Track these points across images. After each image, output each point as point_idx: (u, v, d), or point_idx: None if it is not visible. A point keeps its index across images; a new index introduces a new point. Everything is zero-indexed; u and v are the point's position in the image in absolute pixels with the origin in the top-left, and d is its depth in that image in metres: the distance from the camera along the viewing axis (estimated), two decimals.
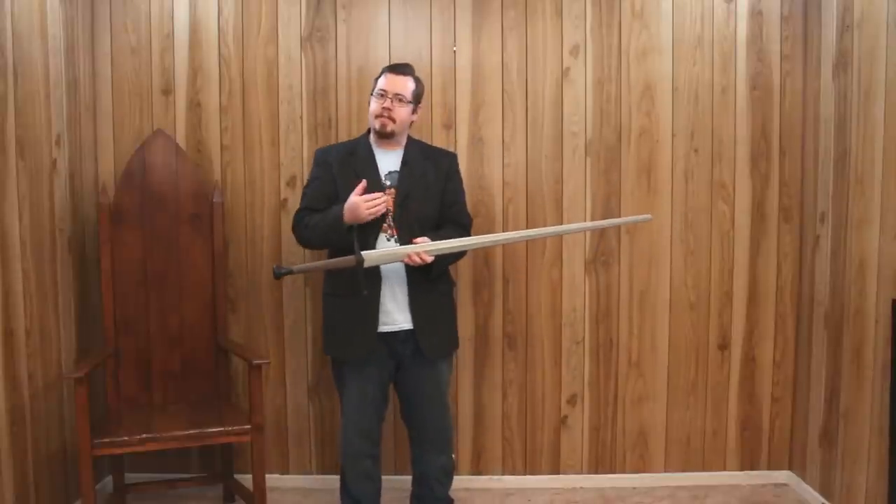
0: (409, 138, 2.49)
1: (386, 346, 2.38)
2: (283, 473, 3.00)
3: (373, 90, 2.43)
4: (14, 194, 2.29)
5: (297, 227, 2.44)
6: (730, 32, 2.89)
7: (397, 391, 2.53)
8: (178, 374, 2.76)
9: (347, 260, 2.22)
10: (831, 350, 2.68)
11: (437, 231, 2.40)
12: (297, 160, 2.91)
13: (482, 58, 2.89)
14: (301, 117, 2.90)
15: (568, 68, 2.90)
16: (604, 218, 2.91)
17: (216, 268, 2.78)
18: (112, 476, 2.75)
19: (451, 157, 2.57)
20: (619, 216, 2.92)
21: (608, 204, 2.93)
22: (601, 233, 2.93)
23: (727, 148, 2.92)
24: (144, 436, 2.36)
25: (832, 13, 2.66)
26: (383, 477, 2.57)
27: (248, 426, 2.46)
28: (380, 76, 2.42)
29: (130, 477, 2.83)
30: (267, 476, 2.62)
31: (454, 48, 2.89)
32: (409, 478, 2.61)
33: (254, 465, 2.48)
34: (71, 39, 2.67)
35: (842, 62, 2.60)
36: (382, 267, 2.32)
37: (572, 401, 3.00)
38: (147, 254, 2.72)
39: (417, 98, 2.43)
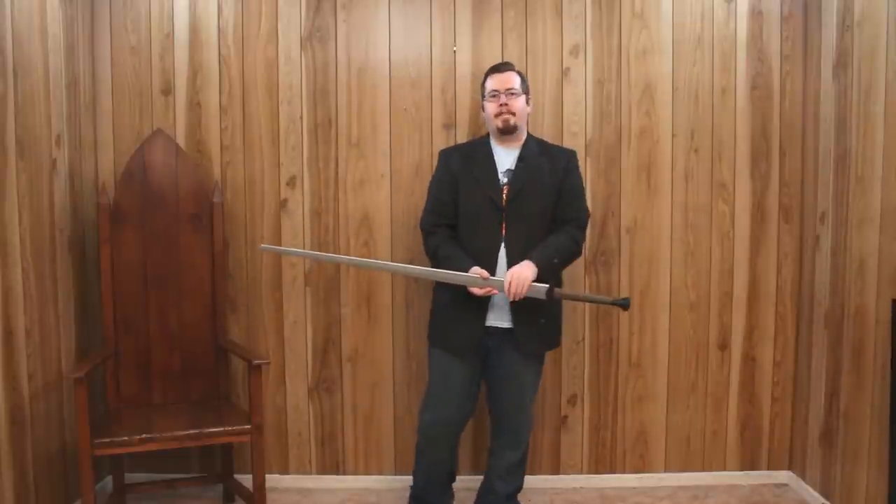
0: (529, 135, 2.53)
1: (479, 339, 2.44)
2: (282, 473, 3.00)
3: (483, 95, 2.49)
4: (14, 194, 2.29)
5: (429, 241, 2.48)
6: (730, 32, 2.89)
7: (486, 378, 2.55)
8: (178, 374, 2.76)
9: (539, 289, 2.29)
10: (831, 350, 2.68)
11: (543, 240, 2.40)
12: (297, 160, 2.91)
13: (482, 58, 2.88)
14: (301, 117, 2.90)
15: (568, 68, 2.90)
16: (604, 217, 2.92)
17: (216, 268, 2.78)
18: (112, 476, 2.74)
19: (571, 154, 2.55)
20: (620, 216, 2.92)
21: (608, 204, 2.93)
22: (601, 232, 2.93)
23: (727, 148, 2.92)
24: (144, 436, 2.36)
25: (832, 13, 2.66)
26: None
27: (248, 426, 2.46)
28: (485, 80, 2.49)
29: (130, 477, 2.83)
30: (267, 476, 2.63)
31: (454, 48, 2.89)
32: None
33: (254, 465, 2.48)
34: (71, 39, 2.67)
35: (842, 62, 2.60)
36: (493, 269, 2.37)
37: (572, 401, 3.00)
38: (147, 254, 2.72)
39: (527, 89, 2.49)
